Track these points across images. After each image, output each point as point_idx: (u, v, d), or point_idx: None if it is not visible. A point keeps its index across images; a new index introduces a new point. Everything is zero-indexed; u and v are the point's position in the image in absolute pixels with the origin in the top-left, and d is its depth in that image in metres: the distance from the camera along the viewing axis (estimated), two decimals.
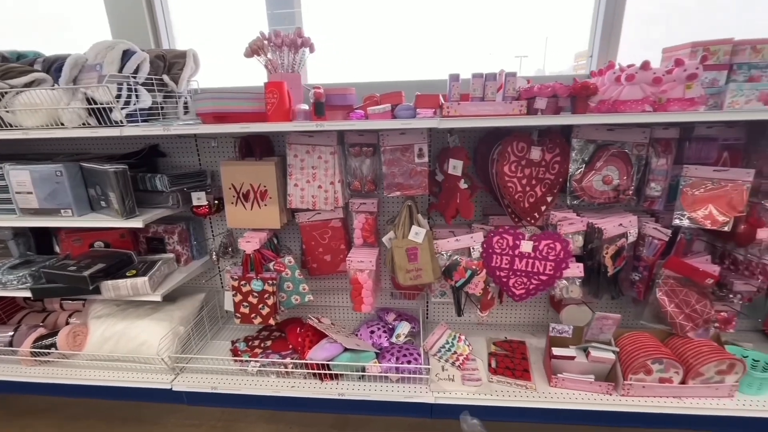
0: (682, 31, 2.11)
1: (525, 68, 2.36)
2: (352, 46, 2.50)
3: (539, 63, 2.55)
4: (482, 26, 2.29)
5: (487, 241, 1.74)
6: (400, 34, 2.37)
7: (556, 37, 2.34)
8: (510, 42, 2.32)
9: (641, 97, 1.35)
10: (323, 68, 2.42)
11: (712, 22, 2.07)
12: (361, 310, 1.87)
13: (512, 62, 2.67)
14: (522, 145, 1.57)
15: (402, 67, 2.27)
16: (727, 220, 1.57)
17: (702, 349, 1.60)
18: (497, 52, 2.35)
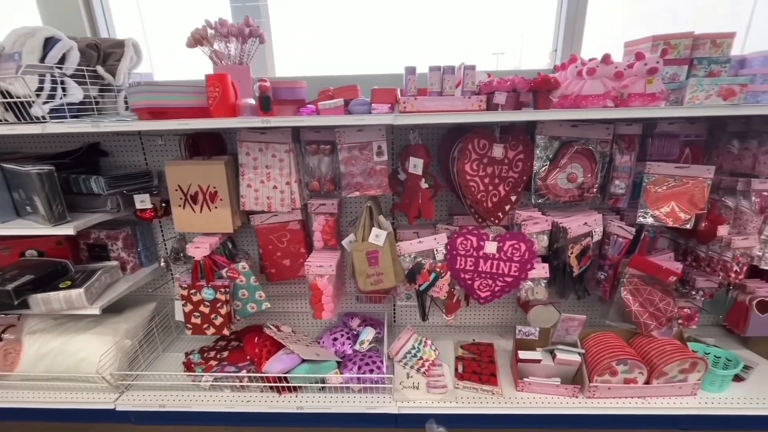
0: (648, 24, 2.09)
1: (502, 65, 2.31)
2: (325, 39, 2.38)
3: (516, 60, 2.51)
4: (460, 23, 2.22)
5: (451, 243, 1.67)
6: (377, 28, 2.27)
7: (533, 33, 2.29)
8: (487, 39, 2.25)
9: (603, 92, 1.30)
10: (293, 62, 2.29)
11: (680, 15, 2.07)
12: (322, 317, 1.77)
13: (489, 59, 2.61)
14: (483, 142, 1.50)
15: (378, 62, 2.17)
16: (689, 217, 1.55)
17: (666, 349, 1.59)
18: (475, 49, 2.29)
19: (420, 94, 1.38)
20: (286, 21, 2.31)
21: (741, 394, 1.62)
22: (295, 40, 2.33)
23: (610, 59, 1.28)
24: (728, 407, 1.57)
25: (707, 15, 2.22)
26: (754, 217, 1.56)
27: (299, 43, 2.35)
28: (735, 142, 1.61)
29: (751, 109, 1.26)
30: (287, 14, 2.31)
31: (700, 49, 1.39)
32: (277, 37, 2.24)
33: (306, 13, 2.41)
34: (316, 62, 2.28)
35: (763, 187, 1.53)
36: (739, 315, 1.80)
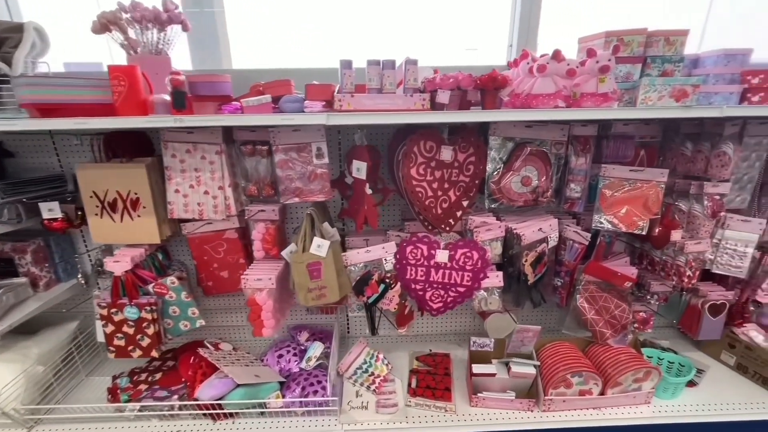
0: (610, 17, 2.02)
1: (477, 61, 2.19)
2: (291, 29, 2.18)
3: (490, 56, 2.39)
4: (435, 16, 2.07)
5: (400, 252, 1.55)
6: (348, 19, 2.09)
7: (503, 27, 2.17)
8: (463, 33, 2.12)
9: (554, 91, 1.21)
10: (254, 54, 2.09)
11: (644, 9, 2.01)
12: (262, 334, 1.61)
13: (463, 55, 2.49)
14: (430, 144, 1.39)
15: (347, 55, 2.02)
16: (643, 223, 1.49)
17: (620, 358, 1.54)
18: (451, 44, 2.17)
19: (359, 90, 1.24)
20: (244, 9, 2.10)
21: (693, 401, 1.60)
22: (255, 29, 2.12)
23: (561, 55, 1.19)
24: (681, 415, 1.54)
25: (671, 8, 2.18)
26: (706, 221, 1.52)
27: (261, 33, 2.14)
28: (688, 144, 1.56)
29: (702, 111, 1.20)
30: (245, 1, 2.11)
31: (653, 46, 1.32)
32: (233, 26, 2.03)
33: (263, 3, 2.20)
34: (281, 54, 2.08)
35: (715, 191, 1.49)
36: (692, 318, 1.78)
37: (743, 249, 1.58)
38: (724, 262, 1.62)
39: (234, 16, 1.99)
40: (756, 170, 1.54)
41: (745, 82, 1.27)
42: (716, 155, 1.46)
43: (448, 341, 2.03)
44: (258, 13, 2.08)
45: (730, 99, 1.27)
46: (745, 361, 1.71)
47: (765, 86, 1.23)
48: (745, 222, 1.56)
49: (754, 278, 1.72)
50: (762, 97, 1.24)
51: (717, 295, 1.71)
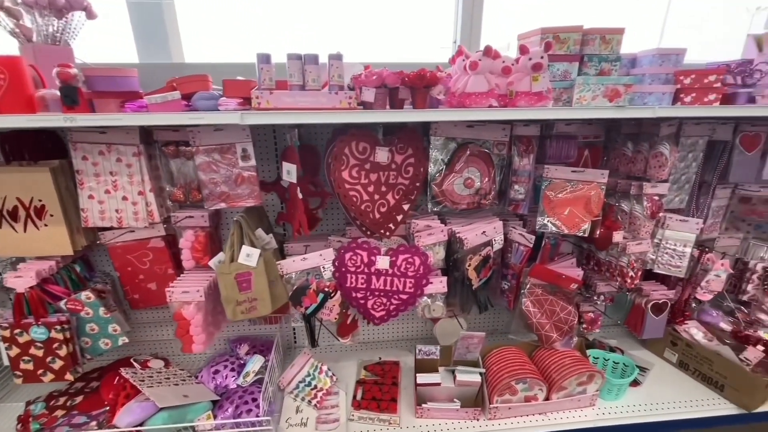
0: (560, 11, 1.98)
1: (433, 58, 2.10)
2: (253, 20, 2.01)
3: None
4: (414, 12, 1.95)
5: (339, 259, 1.46)
6: (317, 10, 1.94)
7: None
8: (440, 32, 2.02)
9: (486, 90, 1.15)
10: (210, 46, 1.91)
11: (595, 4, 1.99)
12: (191, 351, 1.49)
13: (439, 53, 2.39)
14: (363, 145, 1.30)
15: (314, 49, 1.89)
16: (585, 225, 1.47)
17: (564, 362, 1.51)
18: (429, 41, 2.07)
19: (281, 87, 1.14)
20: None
21: (636, 401, 1.60)
22: (212, 21, 1.95)
23: (493, 52, 1.13)
24: (624, 416, 1.54)
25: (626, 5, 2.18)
26: (647, 221, 1.52)
27: (221, 25, 1.96)
28: (629, 144, 1.55)
29: (635, 112, 1.18)
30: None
31: (589, 44, 1.29)
32: (186, 18, 1.87)
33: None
34: (244, 47, 1.92)
35: (654, 192, 1.49)
36: (637, 318, 1.79)
37: (682, 249, 1.59)
38: (664, 262, 1.63)
39: (186, 7, 1.83)
40: (693, 170, 1.55)
41: (678, 83, 1.26)
42: (654, 156, 1.45)
43: (400, 348, 1.96)
44: (214, 4, 1.93)
45: (663, 99, 1.25)
46: (686, 359, 1.73)
47: (696, 86, 1.22)
48: (683, 222, 1.56)
49: (694, 276, 1.74)
50: (694, 97, 1.23)
51: (659, 295, 1.72)
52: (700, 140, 1.50)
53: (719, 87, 1.21)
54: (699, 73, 1.21)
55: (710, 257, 1.69)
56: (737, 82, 1.27)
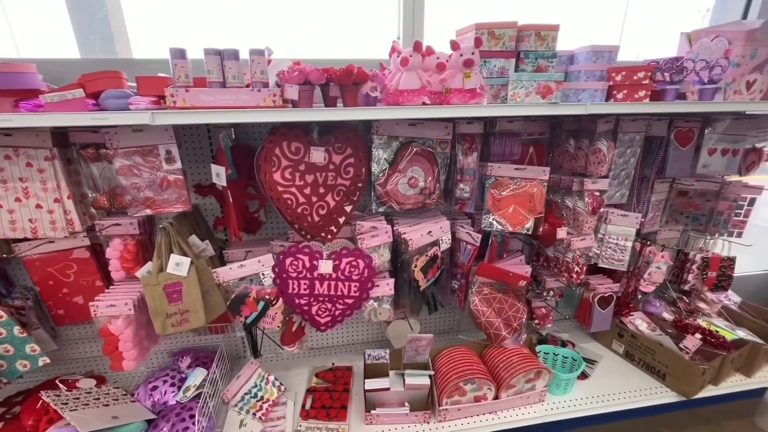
0: (513, 9, 1.95)
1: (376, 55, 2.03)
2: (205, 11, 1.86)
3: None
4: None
5: (279, 265, 1.39)
6: (280, 9, 1.83)
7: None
8: (386, 27, 1.94)
9: (419, 87, 1.11)
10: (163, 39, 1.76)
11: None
12: (122, 368, 1.39)
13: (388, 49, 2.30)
14: (296, 146, 1.24)
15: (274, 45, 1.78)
16: (528, 223, 1.47)
17: (512, 360, 1.51)
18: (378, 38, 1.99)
19: (199, 84, 1.06)
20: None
21: (585, 394, 1.62)
22: (162, 13, 1.80)
23: (422, 47, 1.09)
24: (573, 410, 1.55)
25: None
26: (589, 217, 1.53)
27: (171, 17, 1.81)
28: (571, 141, 1.56)
29: (568, 109, 1.17)
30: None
31: (525, 41, 1.28)
32: (133, 11, 1.72)
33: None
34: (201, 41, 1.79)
35: (595, 188, 1.50)
36: (585, 311, 1.81)
37: (624, 243, 1.62)
38: (608, 256, 1.66)
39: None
40: (632, 166, 1.58)
41: (611, 79, 1.26)
42: (593, 152, 1.47)
43: (355, 352, 1.92)
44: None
45: (597, 96, 1.26)
46: (632, 349, 1.77)
47: (627, 83, 1.23)
48: (624, 216, 1.59)
49: (637, 269, 1.78)
50: (626, 94, 1.24)
51: (605, 288, 1.75)
52: (637, 136, 1.53)
53: (648, 84, 1.23)
54: (629, 69, 1.22)
55: (652, 250, 1.73)
56: (665, 78, 1.30)
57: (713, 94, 1.28)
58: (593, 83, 1.27)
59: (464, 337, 1.62)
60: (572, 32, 1.72)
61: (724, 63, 1.25)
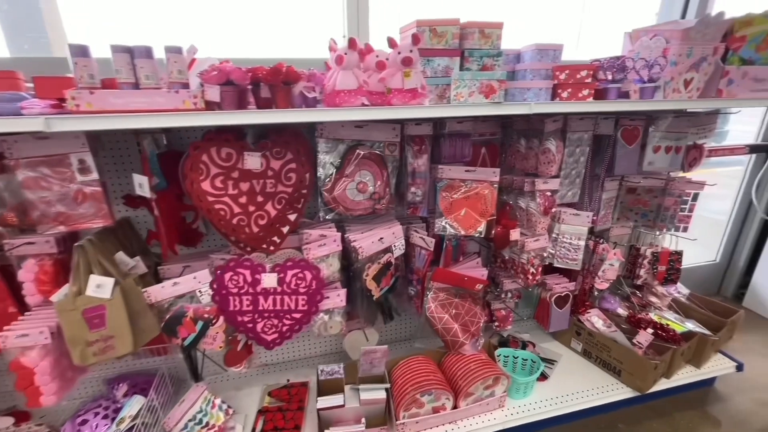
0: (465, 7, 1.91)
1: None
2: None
3: None
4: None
5: (218, 281, 1.29)
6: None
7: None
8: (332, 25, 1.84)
9: (356, 87, 1.04)
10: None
11: None
12: (40, 404, 1.24)
13: None
14: (227, 151, 1.15)
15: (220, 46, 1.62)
16: (480, 226, 1.44)
17: (470, 367, 1.47)
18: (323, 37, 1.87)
19: (107, 85, 0.95)
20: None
21: (545, 395, 1.61)
22: (102, 10, 1.62)
23: (357, 44, 1.03)
24: (533, 413, 1.54)
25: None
26: (541, 218, 1.52)
27: (113, 14, 1.64)
28: (522, 140, 1.54)
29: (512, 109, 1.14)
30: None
31: (468, 39, 1.24)
32: (70, 6, 1.53)
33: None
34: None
35: (546, 188, 1.49)
36: (544, 311, 1.81)
37: (577, 242, 1.63)
38: (562, 256, 1.65)
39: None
40: (582, 165, 1.58)
41: (555, 78, 1.25)
42: (543, 152, 1.45)
43: (311, 365, 1.82)
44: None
45: (541, 95, 1.24)
46: (589, 347, 1.78)
47: (571, 82, 1.22)
48: (576, 216, 1.59)
49: (593, 266, 1.79)
50: (570, 92, 1.23)
51: (561, 288, 1.75)
52: (585, 135, 1.53)
53: (591, 83, 1.22)
54: (572, 68, 1.21)
55: (605, 247, 1.75)
56: (608, 77, 1.30)
57: (653, 93, 1.29)
58: (538, 82, 1.25)
59: (421, 345, 1.57)
60: (532, 33, 1.71)
61: (662, 62, 1.26)
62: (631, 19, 2.27)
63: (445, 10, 1.34)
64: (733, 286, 2.66)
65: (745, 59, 1.35)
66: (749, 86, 1.36)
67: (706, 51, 1.28)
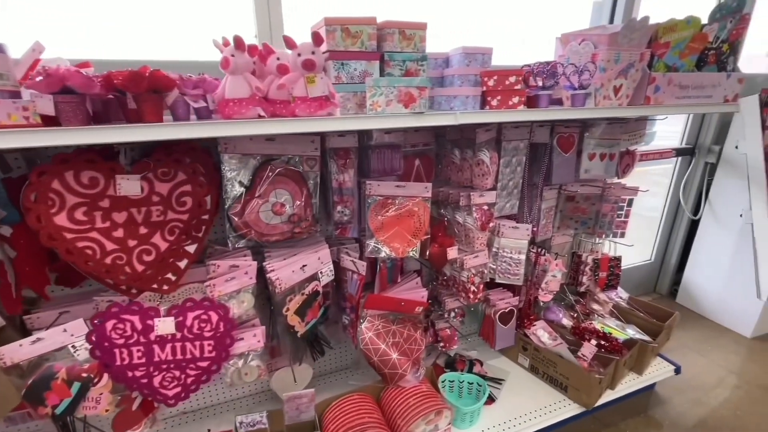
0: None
1: None
2: None
3: None
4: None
5: (97, 332, 1.05)
6: None
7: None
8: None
9: (248, 95, 0.87)
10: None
11: None
12: None
13: None
14: (90, 176, 0.92)
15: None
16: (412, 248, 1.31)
17: (409, 403, 1.33)
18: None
19: None
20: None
21: (492, 421, 1.51)
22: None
23: (244, 45, 0.85)
24: None
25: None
26: (479, 233, 1.42)
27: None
28: (456, 151, 1.44)
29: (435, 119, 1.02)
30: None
31: (388, 40, 1.10)
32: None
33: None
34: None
35: (482, 201, 1.39)
36: (489, 328, 1.72)
37: (518, 256, 1.55)
38: (503, 271, 1.57)
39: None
40: (519, 175, 1.51)
41: (484, 84, 1.14)
42: (477, 164, 1.36)
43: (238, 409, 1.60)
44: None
45: (468, 103, 1.13)
46: (536, 363, 1.71)
47: (500, 88, 1.12)
48: (515, 229, 1.51)
49: (536, 278, 1.73)
50: (500, 100, 1.13)
51: (505, 303, 1.67)
52: (521, 144, 1.46)
53: (520, 89, 1.13)
54: (501, 74, 1.11)
55: (547, 258, 1.69)
56: (538, 83, 1.22)
57: (584, 100, 1.23)
58: (466, 89, 1.14)
59: (355, 382, 1.42)
60: (479, 37, 1.60)
61: (591, 68, 1.21)
62: (569, 23, 2.25)
63: (384, 9, 1.21)
64: (668, 284, 2.76)
65: (670, 66, 1.33)
66: (674, 93, 1.35)
67: (633, 57, 1.24)
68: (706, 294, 2.49)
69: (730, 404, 1.86)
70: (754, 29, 1.53)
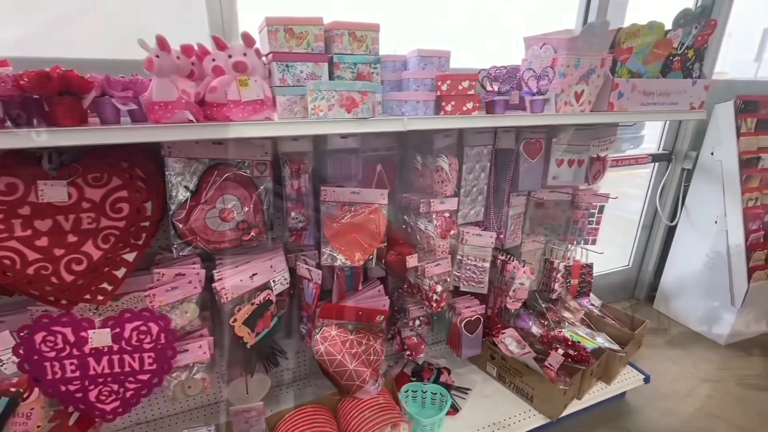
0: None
1: None
2: None
3: None
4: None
5: (26, 344, 0.99)
6: None
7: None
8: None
9: (174, 99, 0.82)
10: None
11: None
12: None
13: None
14: (9, 182, 0.87)
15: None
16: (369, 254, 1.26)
17: (364, 416, 1.29)
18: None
19: None
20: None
21: None
22: None
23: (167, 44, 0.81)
24: None
25: None
26: (440, 241, 1.38)
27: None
28: (418, 156, 1.40)
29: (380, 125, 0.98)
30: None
31: (337, 42, 1.06)
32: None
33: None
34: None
35: (443, 208, 1.36)
36: (455, 337, 1.68)
37: (482, 264, 1.52)
38: (467, 279, 1.54)
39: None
40: (483, 181, 1.47)
41: (438, 89, 1.11)
42: (436, 170, 1.32)
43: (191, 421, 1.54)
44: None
45: (419, 108, 1.09)
46: (503, 371, 1.68)
47: (454, 93, 1.08)
48: (479, 236, 1.48)
49: (505, 285, 1.70)
50: (454, 105, 1.09)
51: (471, 312, 1.63)
52: (485, 150, 1.42)
53: (474, 95, 1.09)
54: (454, 77, 1.07)
55: (515, 266, 1.66)
56: (494, 89, 1.19)
57: (543, 106, 1.20)
58: (417, 94, 1.10)
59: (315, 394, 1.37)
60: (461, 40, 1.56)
61: (551, 73, 1.17)
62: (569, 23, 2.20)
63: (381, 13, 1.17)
64: (645, 290, 2.74)
65: (633, 72, 1.30)
66: (639, 99, 1.32)
67: (593, 62, 1.21)
68: (681, 300, 2.48)
69: (701, 413, 1.84)
70: (740, 35, 1.49)
